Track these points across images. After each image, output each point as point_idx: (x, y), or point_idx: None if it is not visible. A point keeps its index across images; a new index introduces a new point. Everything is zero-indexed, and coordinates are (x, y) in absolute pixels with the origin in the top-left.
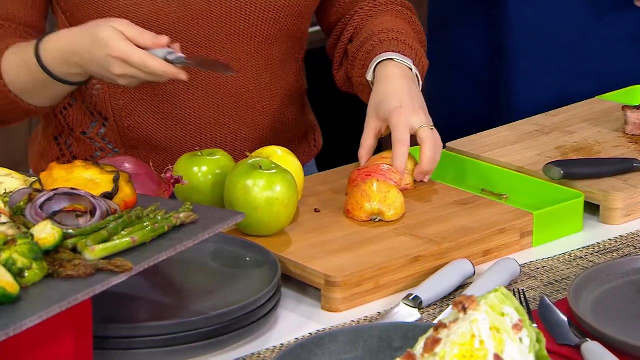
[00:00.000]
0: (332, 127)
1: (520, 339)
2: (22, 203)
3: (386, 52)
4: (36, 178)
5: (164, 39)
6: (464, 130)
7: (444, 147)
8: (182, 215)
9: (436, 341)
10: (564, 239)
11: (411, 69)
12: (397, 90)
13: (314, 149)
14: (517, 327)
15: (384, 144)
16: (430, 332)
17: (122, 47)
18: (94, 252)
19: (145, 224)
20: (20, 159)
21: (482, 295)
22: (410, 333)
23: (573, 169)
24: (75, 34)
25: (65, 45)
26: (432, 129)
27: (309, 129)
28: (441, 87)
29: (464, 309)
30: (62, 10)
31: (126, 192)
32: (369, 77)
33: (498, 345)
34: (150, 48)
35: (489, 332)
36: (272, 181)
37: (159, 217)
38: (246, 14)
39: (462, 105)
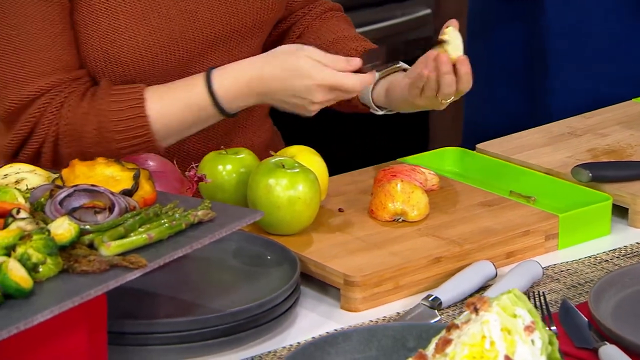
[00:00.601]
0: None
1: (532, 341)
2: (43, 199)
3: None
4: (58, 174)
5: (356, 61)
6: (501, 131)
7: (474, 148)
8: (200, 212)
9: (447, 342)
10: (591, 242)
11: None
12: None
13: None
14: (529, 328)
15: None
16: (443, 332)
17: (327, 76)
18: (110, 248)
19: (162, 221)
20: None
21: (495, 296)
22: (424, 333)
23: (602, 172)
24: (258, 65)
25: (247, 77)
26: None
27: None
28: (479, 87)
29: (476, 310)
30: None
31: (146, 189)
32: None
33: (509, 346)
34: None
35: (500, 334)
36: (295, 180)
37: (177, 215)
38: (235, 35)
39: (499, 106)
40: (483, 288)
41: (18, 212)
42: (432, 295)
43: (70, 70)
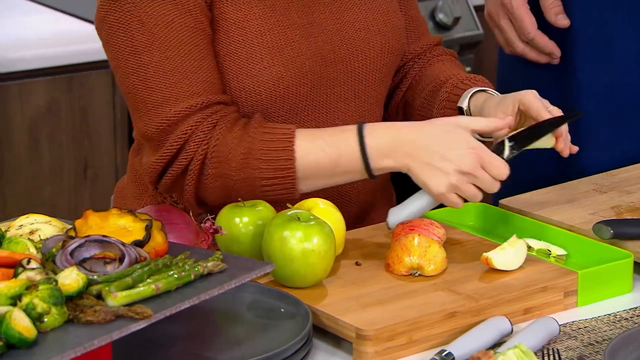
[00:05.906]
0: None
1: None
2: (54, 249)
3: (474, 86)
4: (72, 225)
5: (509, 119)
6: (532, 189)
7: (497, 204)
8: (209, 264)
9: None
10: (611, 300)
11: None
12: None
13: None
14: None
15: None
16: None
17: (482, 147)
18: (116, 298)
19: (171, 272)
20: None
21: (501, 351)
22: None
23: (624, 229)
24: (414, 130)
25: (399, 137)
26: None
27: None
28: None
29: None
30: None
31: (157, 240)
32: (464, 105)
33: None
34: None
35: None
36: (309, 233)
37: (187, 266)
38: (357, 77)
39: (531, 169)
40: (498, 344)
41: (28, 262)
42: (445, 351)
43: (218, 92)
